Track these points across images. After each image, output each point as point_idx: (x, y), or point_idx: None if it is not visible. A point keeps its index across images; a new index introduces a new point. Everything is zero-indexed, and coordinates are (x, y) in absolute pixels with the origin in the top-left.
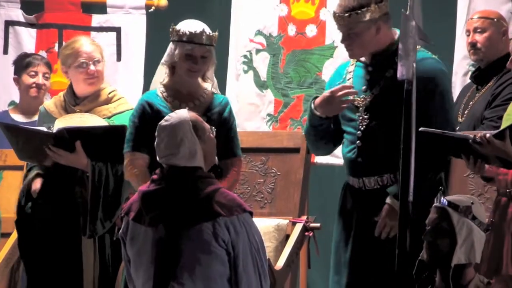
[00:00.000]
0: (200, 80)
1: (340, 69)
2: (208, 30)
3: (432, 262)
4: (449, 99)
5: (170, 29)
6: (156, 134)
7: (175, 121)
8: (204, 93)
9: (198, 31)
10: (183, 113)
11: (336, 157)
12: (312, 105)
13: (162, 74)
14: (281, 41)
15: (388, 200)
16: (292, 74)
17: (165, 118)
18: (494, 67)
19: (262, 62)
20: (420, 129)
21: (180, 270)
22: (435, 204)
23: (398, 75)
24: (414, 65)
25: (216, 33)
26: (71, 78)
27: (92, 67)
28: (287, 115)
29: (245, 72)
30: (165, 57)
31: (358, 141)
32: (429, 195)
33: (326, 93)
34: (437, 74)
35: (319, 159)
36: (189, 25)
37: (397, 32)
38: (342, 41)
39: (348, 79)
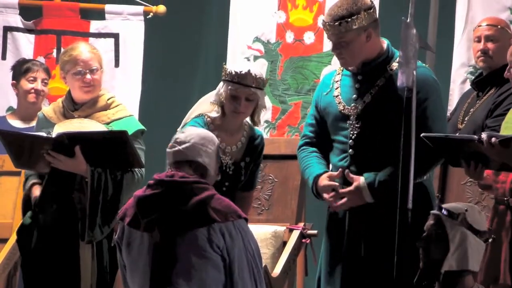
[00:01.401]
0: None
1: (326, 79)
2: (255, 72)
3: (426, 268)
4: (440, 108)
5: (222, 68)
6: (182, 130)
7: (210, 134)
8: (244, 131)
9: (243, 72)
10: (198, 133)
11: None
12: (313, 188)
13: (203, 107)
14: (279, 48)
15: (361, 181)
16: (289, 81)
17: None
18: (496, 75)
19: (260, 68)
20: (422, 135)
21: (175, 275)
22: (432, 211)
23: (398, 83)
24: (415, 73)
25: (266, 77)
26: (68, 84)
27: (88, 76)
28: (284, 122)
29: None
30: (214, 95)
31: (350, 150)
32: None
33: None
34: (428, 83)
35: None
36: (237, 65)
37: (385, 42)
38: (333, 50)
39: (336, 89)
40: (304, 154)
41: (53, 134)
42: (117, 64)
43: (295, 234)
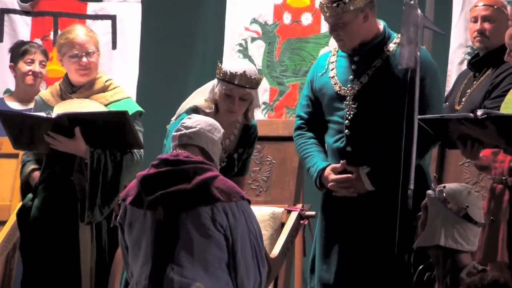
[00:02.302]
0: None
1: (321, 60)
2: (250, 73)
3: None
4: (437, 88)
5: (217, 66)
6: (189, 116)
7: (216, 122)
8: (237, 123)
9: (239, 73)
10: (205, 121)
11: None
12: (317, 181)
13: (196, 99)
14: (276, 29)
15: (361, 170)
16: (287, 63)
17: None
18: (493, 55)
19: (257, 50)
20: (418, 117)
21: (178, 253)
22: (428, 191)
23: (401, 64)
24: (419, 53)
25: (260, 76)
26: (65, 67)
27: (84, 59)
28: (282, 104)
29: None
30: (208, 93)
31: (346, 130)
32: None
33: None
34: (426, 64)
35: None
36: (232, 65)
37: (381, 23)
38: (331, 32)
39: (331, 69)
40: (302, 141)
41: (53, 115)
42: (114, 46)
43: (293, 216)
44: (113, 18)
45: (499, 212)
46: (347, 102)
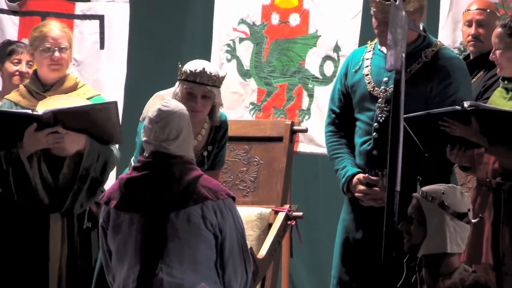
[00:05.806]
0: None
1: (355, 55)
2: (210, 70)
3: (408, 251)
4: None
5: (178, 68)
6: (152, 118)
7: (177, 110)
8: (205, 123)
9: (198, 70)
10: (179, 104)
11: (319, 146)
12: (345, 186)
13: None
14: (264, 30)
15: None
16: (275, 63)
17: (163, 104)
18: (485, 58)
19: (245, 51)
20: (404, 116)
21: (167, 253)
22: (414, 194)
23: (387, 65)
24: (404, 55)
25: (221, 75)
26: (36, 61)
27: (57, 54)
28: (270, 104)
29: (228, 61)
30: (171, 95)
31: (374, 133)
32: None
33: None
34: (464, 76)
35: (302, 148)
36: (192, 64)
37: (421, 27)
38: (377, 27)
39: (366, 67)
40: (334, 140)
41: (40, 112)
42: (102, 46)
43: (281, 216)
44: (101, 18)
45: (483, 213)
46: (379, 104)
